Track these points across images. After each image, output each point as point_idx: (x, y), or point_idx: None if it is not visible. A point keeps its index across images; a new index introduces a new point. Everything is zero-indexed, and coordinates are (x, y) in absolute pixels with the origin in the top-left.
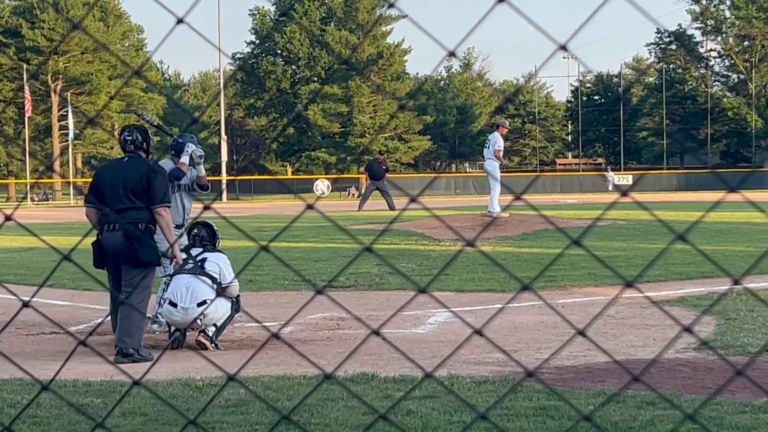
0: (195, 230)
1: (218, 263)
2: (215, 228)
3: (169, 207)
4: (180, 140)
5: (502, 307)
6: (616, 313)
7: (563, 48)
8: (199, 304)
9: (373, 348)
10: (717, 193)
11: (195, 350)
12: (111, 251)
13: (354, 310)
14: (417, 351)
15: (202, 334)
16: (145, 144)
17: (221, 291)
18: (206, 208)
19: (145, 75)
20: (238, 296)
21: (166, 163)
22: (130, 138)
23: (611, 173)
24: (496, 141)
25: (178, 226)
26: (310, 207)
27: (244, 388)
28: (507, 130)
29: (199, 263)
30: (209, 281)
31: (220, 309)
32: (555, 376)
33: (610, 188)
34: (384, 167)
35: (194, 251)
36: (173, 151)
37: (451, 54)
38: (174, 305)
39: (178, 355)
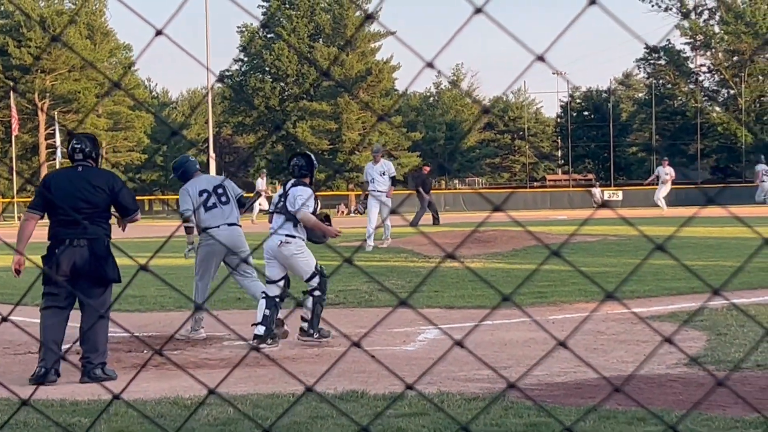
0: (294, 160)
1: (294, 198)
2: (313, 158)
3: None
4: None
5: (478, 323)
6: (606, 329)
7: (540, 59)
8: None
9: (363, 365)
10: (707, 209)
11: (183, 368)
12: (72, 268)
13: (343, 327)
14: (407, 368)
15: (301, 326)
16: (93, 153)
17: (293, 218)
18: (185, 220)
19: (132, 92)
20: (323, 278)
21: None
22: (79, 146)
23: (598, 189)
24: (388, 169)
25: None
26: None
27: (232, 406)
28: (380, 155)
29: (283, 200)
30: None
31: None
32: (545, 392)
33: (596, 204)
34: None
35: (288, 184)
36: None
37: (429, 65)
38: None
39: (167, 373)
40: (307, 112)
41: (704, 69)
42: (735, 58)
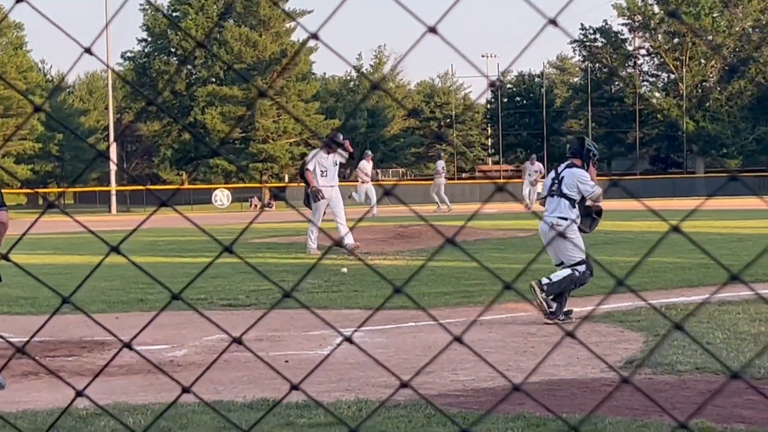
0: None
1: (573, 180)
2: (586, 141)
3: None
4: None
5: (369, 316)
6: (537, 331)
7: (432, 30)
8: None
9: (275, 372)
10: (647, 201)
11: (81, 376)
12: None
13: (255, 330)
14: (322, 374)
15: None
16: None
17: (582, 205)
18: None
19: (24, 74)
20: (588, 269)
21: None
22: None
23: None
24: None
25: None
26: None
27: (118, 419)
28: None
29: (557, 182)
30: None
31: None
32: (471, 399)
33: (528, 193)
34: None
35: (561, 166)
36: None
37: (313, 36)
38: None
39: (60, 382)
40: (216, 98)
41: (643, 52)
42: (675, 40)
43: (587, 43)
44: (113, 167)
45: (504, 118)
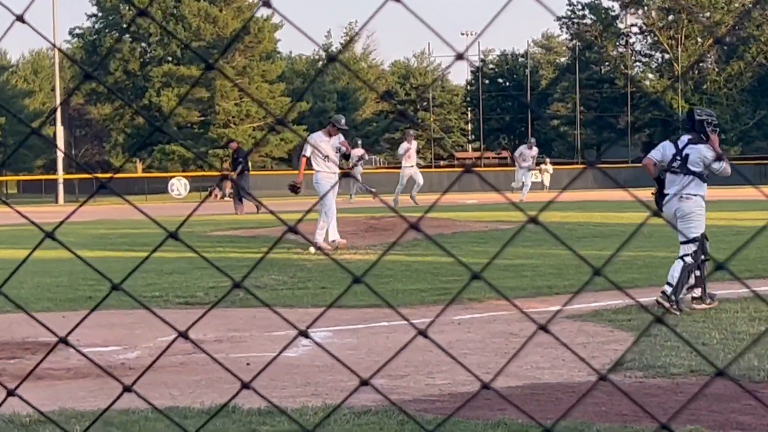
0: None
1: (698, 157)
2: (695, 111)
3: None
4: None
5: (325, 309)
6: (519, 330)
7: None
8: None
9: (236, 374)
10: (640, 191)
11: (21, 379)
12: None
13: (214, 330)
14: (287, 378)
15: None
16: None
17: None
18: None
19: None
20: (703, 249)
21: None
22: None
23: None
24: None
25: None
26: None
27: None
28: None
29: (680, 159)
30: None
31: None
32: (448, 404)
33: (527, 181)
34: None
35: (681, 142)
36: None
37: (265, 4)
38: None
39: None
40: (173, 78)
41: (635, 30)
42: (670, 17)
43: (575, 20)
44: (60, 154)
45: (485, 101)
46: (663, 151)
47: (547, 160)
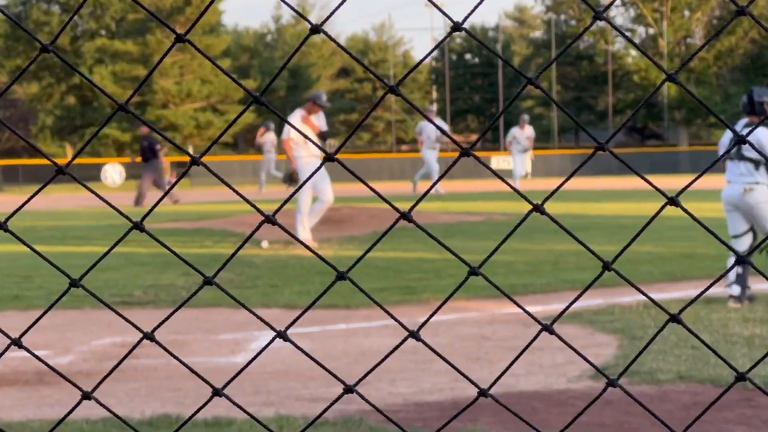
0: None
1: (756, 140)
2: (754, 92)
3: None
4: None
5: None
6: (492, 333)
7: None
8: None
9: (178, 382)
10: (622, 179)
11: None
12: None
13: (155, 332)
14: (236, 386)
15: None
16: None
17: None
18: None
19: None
20: None
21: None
22: None
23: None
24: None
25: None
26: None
27: None
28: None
29: (737, 146)
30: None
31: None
32: (414, 414)
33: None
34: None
35: (739, 125)
36: None
37: None
38: None
39: None
40: (107, 54)
41: (617, 1)
42: None
43: None
44: None
45: (452, 79)
46: (724, 140)
47: None
